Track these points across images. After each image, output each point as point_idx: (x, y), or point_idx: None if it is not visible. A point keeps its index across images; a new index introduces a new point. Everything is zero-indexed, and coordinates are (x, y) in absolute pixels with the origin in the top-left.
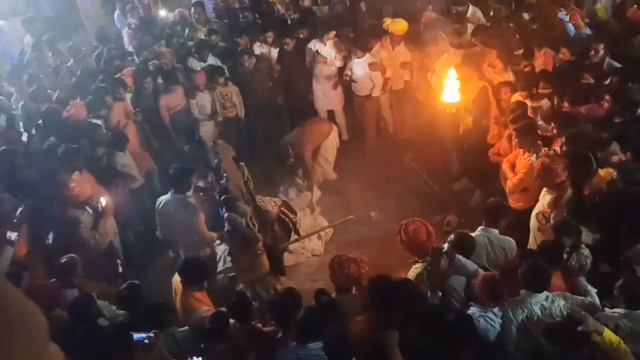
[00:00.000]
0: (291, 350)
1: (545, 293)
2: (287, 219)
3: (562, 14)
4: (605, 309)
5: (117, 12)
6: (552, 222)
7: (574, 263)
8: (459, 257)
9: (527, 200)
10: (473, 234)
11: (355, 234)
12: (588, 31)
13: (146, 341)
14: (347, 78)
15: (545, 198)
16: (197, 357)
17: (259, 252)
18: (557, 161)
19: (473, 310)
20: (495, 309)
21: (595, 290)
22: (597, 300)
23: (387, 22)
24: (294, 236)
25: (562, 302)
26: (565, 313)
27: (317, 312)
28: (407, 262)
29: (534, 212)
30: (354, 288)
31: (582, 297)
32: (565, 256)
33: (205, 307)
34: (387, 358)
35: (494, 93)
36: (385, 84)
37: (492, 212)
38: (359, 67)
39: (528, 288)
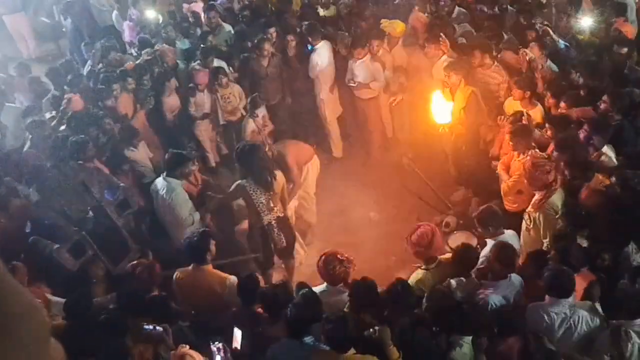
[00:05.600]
0: (286, 345)
1: (568, 302)
2: (267, 234)
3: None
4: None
5: (115, 13)
6: (539, 222)
7: None
8: None
9: (521, 203)
10: (488, 248)
11: (354, 234)
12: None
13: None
14: (352, 83)
15: (534, 198)
16: (219, 342)
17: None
18: (545, 162)
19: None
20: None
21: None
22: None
23: (385, 23)
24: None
25: (585, 314)
26: (590, 326)
27: (303, 307)
28: (405, 262)
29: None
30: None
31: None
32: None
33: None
34: (383, 355)
35: (484, 98)
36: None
37: (489, 220)
38: (360, 68)
39: (552, 294)
